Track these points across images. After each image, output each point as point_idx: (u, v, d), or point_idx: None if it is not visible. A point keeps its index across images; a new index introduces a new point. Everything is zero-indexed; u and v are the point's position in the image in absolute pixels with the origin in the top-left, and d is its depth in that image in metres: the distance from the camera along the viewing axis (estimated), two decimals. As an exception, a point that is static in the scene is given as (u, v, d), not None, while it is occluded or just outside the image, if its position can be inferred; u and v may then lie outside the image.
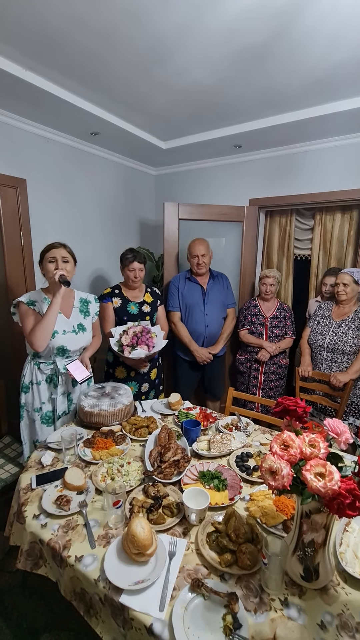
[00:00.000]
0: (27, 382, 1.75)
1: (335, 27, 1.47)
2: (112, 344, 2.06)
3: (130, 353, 2.00)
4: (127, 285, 2.24)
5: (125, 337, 2.03)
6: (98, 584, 0.92)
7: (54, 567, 1.06)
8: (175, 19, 1.45)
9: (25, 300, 1.66)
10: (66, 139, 2.67)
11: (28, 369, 1.76)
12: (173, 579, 0.93)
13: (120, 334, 2.06)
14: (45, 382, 1.75)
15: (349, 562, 0.97)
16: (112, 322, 2.19)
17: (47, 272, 1.68)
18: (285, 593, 0.89)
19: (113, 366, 2.26)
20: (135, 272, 2.16)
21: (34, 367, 1.74)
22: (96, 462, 1.40)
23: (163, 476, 1.28)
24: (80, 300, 1.87)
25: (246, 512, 1.17)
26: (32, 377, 1.74)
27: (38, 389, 1.74)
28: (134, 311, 2.21)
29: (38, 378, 1.73)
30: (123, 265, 2.19)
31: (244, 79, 1.89)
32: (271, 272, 2.66)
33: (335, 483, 0.74)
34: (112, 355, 2.25)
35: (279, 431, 0.92)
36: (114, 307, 2.17)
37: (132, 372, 2.23)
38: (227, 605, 0.85)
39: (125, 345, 2.02)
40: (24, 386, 1.76)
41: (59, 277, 1.61)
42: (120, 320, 2.18)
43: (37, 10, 1.40)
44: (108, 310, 2.17)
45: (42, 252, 1.71)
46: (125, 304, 2.19)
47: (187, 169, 3.39)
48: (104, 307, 2.16)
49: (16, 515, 1.22)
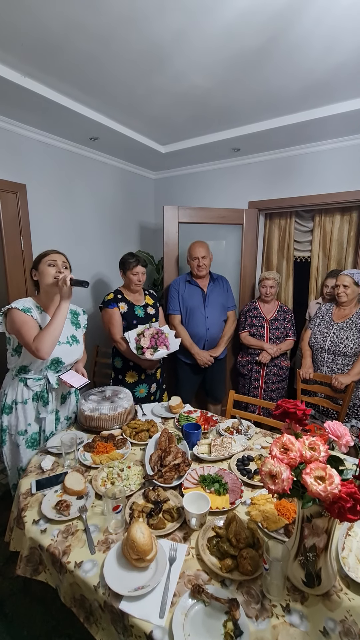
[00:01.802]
0: (10, 401, 1.57)
1: (332, 29, 1.48)
2: (132, 348, 2.04)
3: (153, 354, 2.01)
4: (129, 289, 2.24)
5: (144, 340, 2.03)
6: (98, 590, 0.91)
7: (54, 573, 1.05)
8: (172, 24, 1.46)
9: (20, 307, 1.51)
10: (65, 144, 2.69)
11: (10, 386, 1.59)
12: (173, 585, 0.92)
13: (136, 338, 2.06)
14: (32, 401, 1.59)
15: (351, 567, 0.95)
16: (121, 328, 2.18)
17: (45, 276, 1.55)
18: (287, 599, 0.88)
19: (122, 372, 2.25)
20: (139, 276, 2.17)
21: (18, 384, 1.58)
22: (96, 467, 1.39)
23: (163, 480, 1.27)
24: (71, 312, 1.75)
25: (247, 516, 1.15)
26: (15, 396, 1.57)
27: (23, 409, 1.57)
28: (141, 314, 2.21)
29: (24, 396, 1.57)
30: (125, 269, 2.19)
31: (242, 82, 1.90)
32: (271, 274, 2.66)
33: (336, 487, 0.73)
34: (120, 360, 2.25)
35: (281, 434, 0.92)
36: (121, 312, 2.17)
37: (143, 374, 2.24)
38: (228, 612, 0.83)
39: (146, 347, 2.02)
40: (5, 407, 1.58)
41: (70, 280, 1.49)
42: (129, 325, 2.18)
43: (35, 17, 1.41)
44: (115, 316, 2.16)
45: (37, 258, 1.59)
46: (132, 308, 2.20)
47: (186, 172, 3.41)
48: (110, 313, 2.15)
49: (16, 520, 1.21)
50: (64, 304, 1.51)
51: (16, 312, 1.50)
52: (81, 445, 1.52)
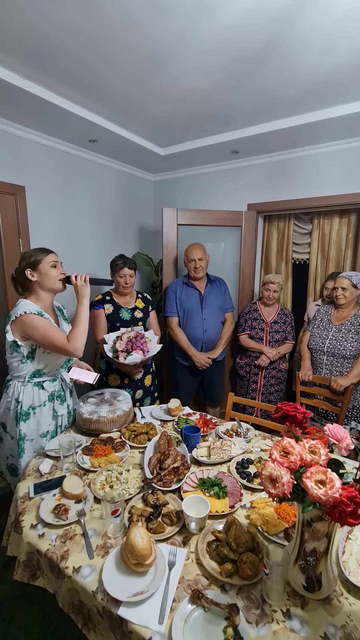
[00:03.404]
0: (27, 408, 1.54)
1: (329, 33, 1.49)
2: (107, 350, 2.03)
3: (126, 359, 1.99)
4: (118, 291, 2.24)
5: (120, 343, 2.01)
6: (96, 596, 0.90)
7: (52, 578, 1.04)
8: (171, 28, 1.46)
9: (34, 311, 1.47)
10: (65, 146, 2.69)
11: (24, 393, 1.54)
12: (173, 590, 0.91)
13: (114, 340, 2.05)
14: (49, 401, 1.61)
15: (352, 572, 0.95)
16: (104, 329, 2.18)
17: (50, 278, 1.54)
18: (287, 604, 0.88)
19: (106, 374, 2.24)
20: (125, 278, 2.16)
21: (33, 389, 1.56)
22: (95, 470, 1.38)
23: (162, 484, 1.26)
24: (58, 309, 1.76)
25: (247, 520, 1.15)
26: (32, 401, 1.56)
27: (41, 412, 1.58)
28: (127, 317, 2.20)
29: (41, 399, 1.58)
30: (113, 271, 2.19)
31: (241, 85, 1.91)
32: (276, 278, 2.65)
33: (336, 491, 0.73)
34: (104, 362, 2.24)
35: (280, 437, 0.91)
36: (105, 314, 2.17)
37: (126, 379, 2.21)
38: (228, 617, 0.83)
39: (120, 351, 2.00)
40: (21, 415, 1.54)
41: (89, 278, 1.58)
42: (112, 327, 2.17)
43: (35, 20, 1.41)
44: (100, 317, 2.16)
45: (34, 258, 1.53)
46: (117, 310, 2.19)
47: (185, 174, 3.41)
48: (95, 313, 2.15)
49: (14, 524, 1.20)
50: (85, 301, 1.57)
51: (34, 317, 1.46)
52: (80, 448, 1.52)
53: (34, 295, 1.58)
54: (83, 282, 1.57)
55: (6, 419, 1.59)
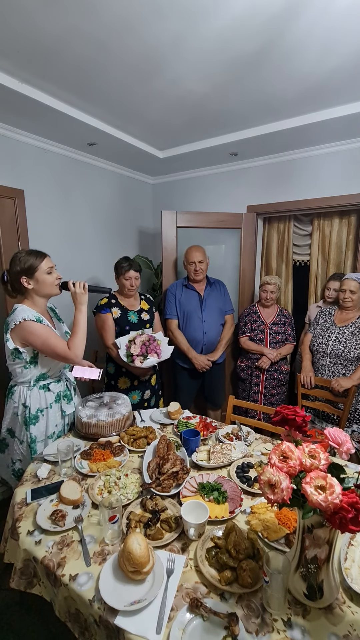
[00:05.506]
0: (35, 411, 1.55)
1: (328, 32, 1.47)
2: (122, 355, 2.01)
3: (143, 362, 1.98)
4: (123, 294, 2.22)
5: (134, 347, 1.99)
6: (93, 605, 0.88)
7: (48, 586, 1.02)
8: (169, 29, 1.46)
9: (32, 317, 1.47)
10: (63, 149, 2.69)
11: (30, 397, 1.55)
12: (171, 599, 0.89)
13: (127, 345, 2.03)
14: (55, 402, 1.63)
15: (354, 579, 0.92)
16: (113, 333, 2.16)
17: (47, 285, 1.53)
18: (288, 613, 0.85)
19: (115, 377, 2.23)
20: (131, 281, 2.14)
21: (39, 392, 1.57)
22: (93, 475, 1.36)
23: (161, 489, 1.24)
24: (52, 310, 1.76)
25: (247, 525, 1.13)
26: (39, 404, 1.57)
27: (48, 414, 1.59)
28: (135, 320, 2.19)
29: (48, 401, 1.59)
30: (118, 274, 2.17)
31: (239, 86, 1.90)
32: (272, 279, 2.64)
33: (337, 496, 0.71)
34: (113, 366, 2.22)
35: (281, 440, 0.89)
36: (113, 318, 2.15)
37: (136, 380, 2.20)
38: (227, 627, 0.81)
39: (136, 355, 1.98)
40: (30, 419, 1.54)
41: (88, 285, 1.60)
42: (122, 331, 2.15)
43: (32, 24, 1.41)
44: (108, 321, 2.14)
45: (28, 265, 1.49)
46: (125, 313, 2.17)
47: (184, 177, 3.41)
48: (102, 318, 2.13)
49: (10, 531, 1.18)
50: (84, 308, 1.59)
51: (34, 325, 1.46)
52: (78, 452, 1.50)
53: (29, 300, 1.57)
54: (82, 290, 1.57)
55: (14, 425, 1.59)
